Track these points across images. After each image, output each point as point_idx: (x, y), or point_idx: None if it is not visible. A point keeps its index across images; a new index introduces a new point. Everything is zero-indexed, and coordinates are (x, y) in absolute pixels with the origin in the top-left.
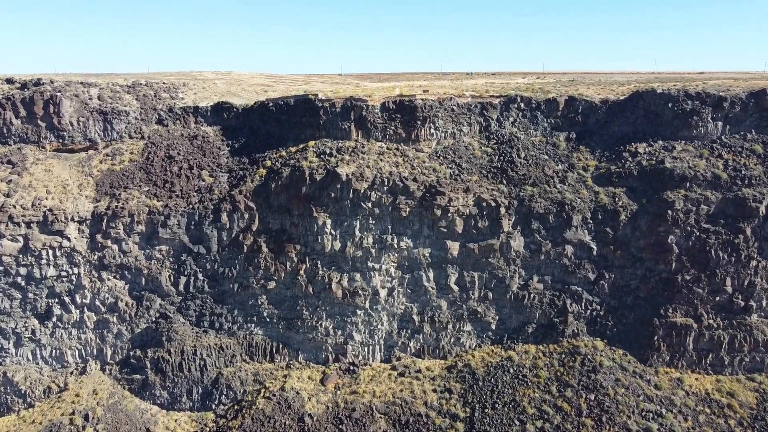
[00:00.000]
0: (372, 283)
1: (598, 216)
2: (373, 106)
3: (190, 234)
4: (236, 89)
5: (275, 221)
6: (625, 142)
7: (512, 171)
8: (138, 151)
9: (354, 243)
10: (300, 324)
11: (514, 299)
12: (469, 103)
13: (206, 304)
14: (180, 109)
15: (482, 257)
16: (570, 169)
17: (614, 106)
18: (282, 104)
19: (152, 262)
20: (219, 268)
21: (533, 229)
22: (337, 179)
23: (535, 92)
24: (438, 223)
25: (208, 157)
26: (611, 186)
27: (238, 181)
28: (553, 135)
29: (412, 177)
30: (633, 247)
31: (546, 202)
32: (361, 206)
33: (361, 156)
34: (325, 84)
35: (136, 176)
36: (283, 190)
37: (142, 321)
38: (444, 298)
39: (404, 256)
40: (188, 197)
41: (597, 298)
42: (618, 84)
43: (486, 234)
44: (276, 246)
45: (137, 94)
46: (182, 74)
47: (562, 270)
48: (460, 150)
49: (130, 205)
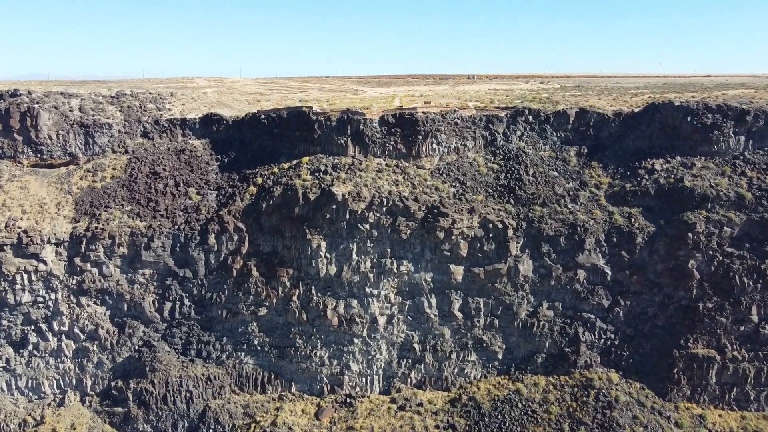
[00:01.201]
0: (370, 310)
1: (612, 238)
2: (371, 119)
3: (176, 257)
4: (227, 99)
5: (266, 243)
6: (641, 158)
7: (520, 189)
8: (121, 166)
9: (351, 267)
10: (293, 353)
11: (523, 327)
12: (474, 116)
13: (193, 331)
14: (167, 121)
15: (488, 282)
16: (582, 187)
17: (628, 118)
18: (274, 117)
19: (135, 286)
20: (206, 293)
21: (543, 253)
22: (333, 199)
23: (543, 103)
24: (441, 246)
25: (196, 173)
26: (626, 205)
27: (227, 200)
28: (563, 149)
29: (413, 196)
30: (650, 271)
31: (557, 224)
32: (358, 228)
33: (358, 174)
34: (321, 92)
35: (118, 194)
36: (274, 210)
37: (124, 349)
38: (447, 326)
39: (404, 281)
40: (174, 217)
41: (611, 327)
42: (628, 93)
43: (492, 258)
44: (267, 270)
45: (121, 105)
46: (173, 81)
47: (574, 296)
48: (464, 166)
49: (111, 226)
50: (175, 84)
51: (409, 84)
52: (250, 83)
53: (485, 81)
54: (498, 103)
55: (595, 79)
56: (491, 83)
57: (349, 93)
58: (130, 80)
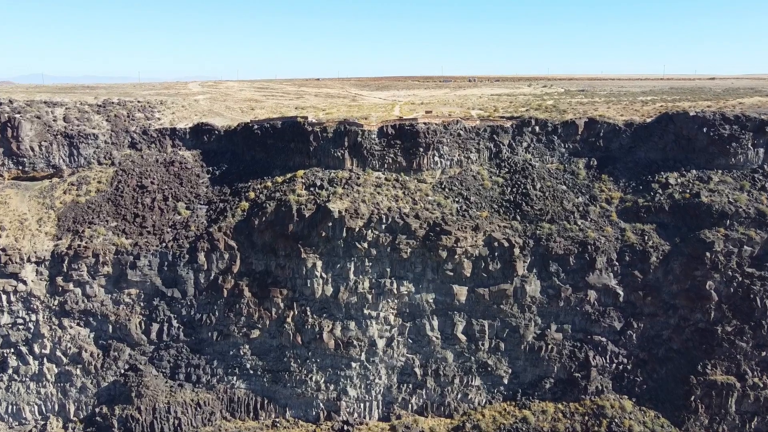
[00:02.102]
0: (368, 333)
1: (624, 257)
2: (369, 131)
3: (163, 276)
4: (220, 107)
5: (259, 262)
6: (654, 171)
7: (527, 205)
8: (107, 179)
9: (348, 288)
10: (287, 377)
11: (530, 350)
12: (478, 127)
13: (182, 354)
14: (155, 132)
15: (493, 303)
16: (592, 202)
17: (640, 129)
18: (268, 127)
19: (120, 307)
20: (196, 314)
21: (551, 272)
22: (329, 216)
23: (550, 111)
24: (443, 266)
25: (186, 187)
26: (639, 222)
27: (217, 216)
28: (572, 161)
29: (414, 213)
30: (665, 292)
31: (566, 242)
32: (356, 247)
33: (355, 189)
34: (318, 98)
35: (103, 209)
36: (267, 227)
37: (109, 373)
38: (450, 349)
39: (405, 302)
40: (161, 234)
41: (624, 351)
42: (638, 100)
43: (498, 278)
44: (260, 290)
45: (108, 115)
46: (165, 86)
47: (584, 318)
48: (468, 180)
49: (94, 244)
50: (167, 90)
51: (408, 87)
52: (245, 88)
53: (487, 84)
54: (502, 111)
55: (598, 83)
56: (493, 87)
57: (347, 99)
58: (121, 85)
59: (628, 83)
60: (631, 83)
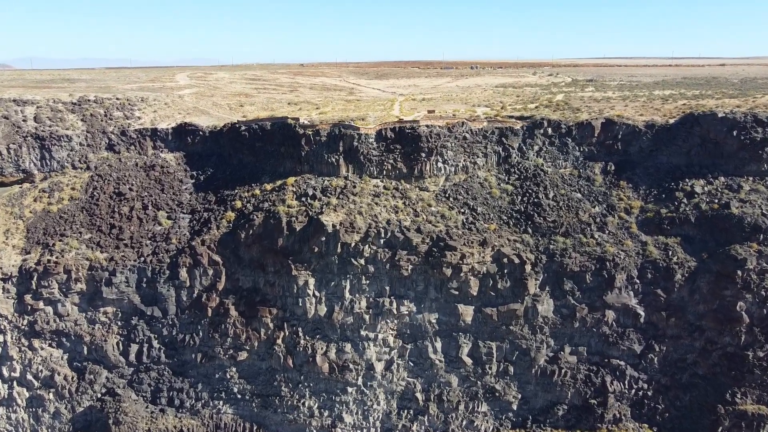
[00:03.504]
0: (365, 355)
1: (646, 274)
2: (366, 134)
3: (142, 293)
4: (206, 104)
5: (246, 279)
6: (677, 178)
7: (539, 216)
8: (81, 185)
9: (343, 307)
10: (278, 402)
11: (541, 375)
12: (485, 129)
13: (163, 377)
14: (135, 132)
15: (502, 324)
16: (609, 212)
17: (662, 131)
18: (256, 128)
19: (96, 327)
20: (178, 334)
21: (566, 291)
22: (322, 230)
23: (562, 109)
24: (447, 284)
25: (167, 193)
26: (662, 234)
27: (201, 227)
28: (587, 166)
29: (416, 226)
30: (690, 313)
31: (582, 257)
32: (352, 263)
33: (351, 199)
34: (314, 91)
35: (76, 219)
36: (255, 241)
37: (84, 398)
38: (454, 373)
39: (405, 322)
40: (139, 247)
41: (644, 375)
42: (655, 96)
43: (507, 297)
44: (247, 309)
45: (83, 114)
46: (151, 79)
47: (601, 340)
48: (474, 188)
49: (66, 259)
50: (152, 83)
51: (409, 76)
52: (236, 80)
53: (490, 72)
54: (510, 109)
55: (605, 70)
56: (496, 75)
57: (344, 92)
58: (104, 77)
59: (637, 71)
60: (640, 71)
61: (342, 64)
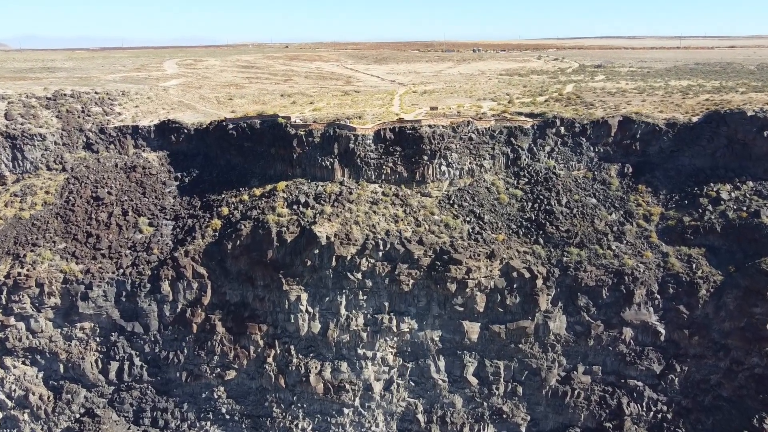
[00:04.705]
0: (363, 375)
1: (668, 289)
2: (363, 135)
3: (121, 307)
4: (192, 97)
5: (234, 293)
6: (701, 181)
7: (551, 225)
8: (56, 189)
9: (338, 324)
10: (269, 424)
11: (552, 395)
12: (492, 128)
13: (146, 396)
14: (115, 130)
15: (510, 342)
16: (627, 219)
17: (685, 130)
18: (245, 127)
19: (72, 343)
20: (161, 351)
21: (580, 307)
22: (315, 242)
23: (574, 104)
24: (452, 300)
25: (149, 197)
26: (684, 245)
27: (185, 235)
28: (602, 168)
29: (417, 237)
30: (715, 331)
31: (598, 271)
32: (348, 277)
33: (347, 207)
34: (309, 80)
35: (50, 227)
36: (243, 252)
37: (61, 418)
38: (459, 393)
39: (406, 340)
40: (118, 257)
41: (663, 397)
42: (672, 87)
43: (516, 313)
44: (235, 325)
45: (59, 110)
46: (136, 68)
47: (618, 359)
48: (481, 193)
49: (38, 272)
50: (137, 73)
51: (409, 60)
52: (227, 68)
53: (492, 55)
54: (518, 104)
55: (611, 53)
56: (500, 60)
57: (341, 81)
58: (84, 67)
59: (645, 55)
60: (648, 55)
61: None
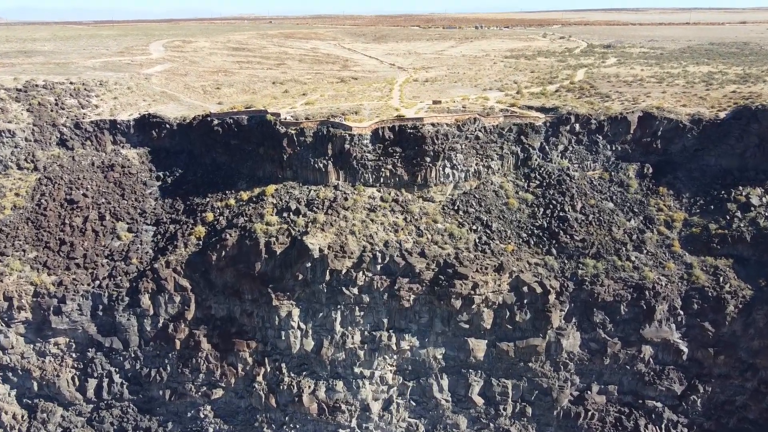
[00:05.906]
0: (360, 395)
1: (692, 304)
2: (360, 135)
3: (98, 322)
4: (176, 86)
5: (220, 307)
6: (728, 184)
7: (565, 234)
8: (27, 191)
9: (333, 342)
10: None
11: (564, 416)
12: (501, 125)
13: (128, 414)
14: (91, 124)
15: (519, 361)
16: (647, 226)
17: (710, 127)
18: (231, 123)
19: (47, 360)
20: (142, 368)
21: (595, 323)
22: (307, 255)
23: (588, 95)
24: (457, 317)
25: (128, 200)
26: (710, 255)
27: (166, 243)
28: (620, 168)
29: (419, 249)
30: (743, 350)
31: (616, 285)
32: (343, 293)
33: (342, 214)
34: (303, 64)
35: (20, 234)
36: (228, 264)
37: None
38: (463, 414)
39: (407, 358)
40: (94, 268)
41: (684, 419)
42: (691, 75)
43: (526, 330)
44: (222, 341)
45: (30, 103)
46: (120, 51)
47: (636, 378)
48: (488, 198)
49: (6, 284)
50: (120, 57)
51: (408, 39)
52: (216, 50)
53: (495, 33)
54: (528, 95)
55: (618, 29)
56: (503, 37)
57: (337, 65)
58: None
59: (655, 32)
60: (658, 32)
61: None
